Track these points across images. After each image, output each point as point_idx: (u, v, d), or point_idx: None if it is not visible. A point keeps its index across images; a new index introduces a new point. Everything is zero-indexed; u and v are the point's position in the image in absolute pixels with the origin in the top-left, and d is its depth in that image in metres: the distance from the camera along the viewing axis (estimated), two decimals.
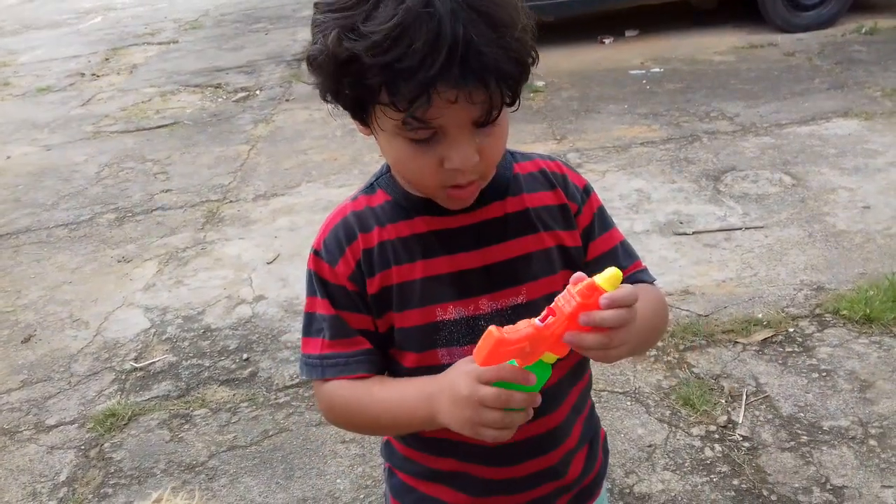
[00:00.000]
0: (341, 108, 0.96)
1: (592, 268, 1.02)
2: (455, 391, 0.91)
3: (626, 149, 4.56)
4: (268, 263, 3.73)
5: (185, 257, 3.88)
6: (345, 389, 1.06)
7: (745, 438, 2.35)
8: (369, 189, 1.10)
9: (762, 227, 3.52)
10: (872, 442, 2.29)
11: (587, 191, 1.14)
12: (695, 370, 2.67)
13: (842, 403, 2.45)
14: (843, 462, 2.23)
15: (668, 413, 2.49)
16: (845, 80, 5.32)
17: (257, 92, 6.68)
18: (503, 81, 0.86)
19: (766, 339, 2.79)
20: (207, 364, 3.02)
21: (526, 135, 4.84)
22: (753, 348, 2.75)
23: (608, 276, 0.86)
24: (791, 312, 2.92)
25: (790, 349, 2.72)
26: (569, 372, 1.16)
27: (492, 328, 0.85)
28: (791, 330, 2.82)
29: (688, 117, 4.96)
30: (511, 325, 0.87)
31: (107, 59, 8.50)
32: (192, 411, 2.76)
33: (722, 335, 2.83)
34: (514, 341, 0.85)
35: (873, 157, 4.10)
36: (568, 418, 1.16)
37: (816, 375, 2.58)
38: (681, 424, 2.44)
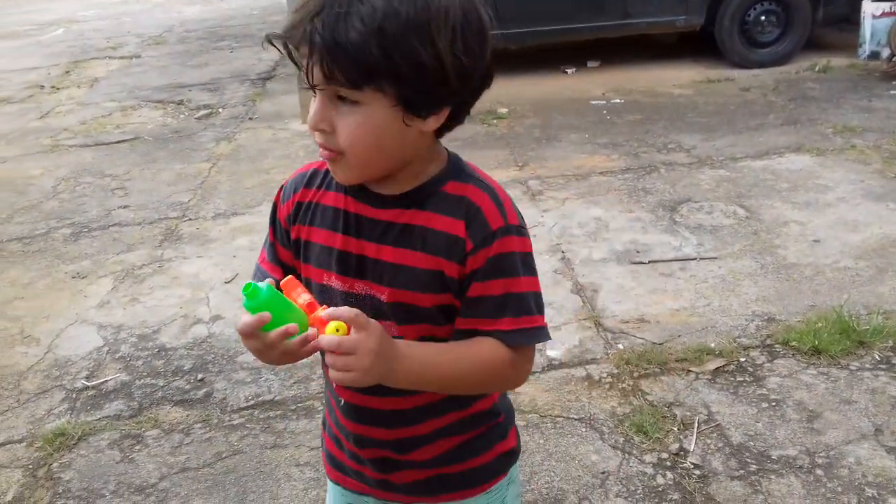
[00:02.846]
0: None
1: (470, 305, 1.13)
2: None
3: (586, 177, 4.63)
4: (226, 283, 3.70)
5: (141, 275, 3.83)
6: None
7: (696, 466, 2.39)
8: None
9: (716, 258, 3.60)
10: (819, 472, 2.34)
11: (496, 234, 1.12)
12: (648, 397, 2.71)
13: (790, 433, 2.50)
14: (791, 491, 2.27)
15: (621, 440, 2.52)
16: (798, 116, 5.48)
17: (220, 110, 6.65)
18: (331, 59, 0.98)
19: (718, 368, 2.84)
20: (161, 384, 2.98)
21: (489, 160, 4.89)
22: (706, 377, 2.80)
23: (332, 323, 1.00)
24: (742, 342, 2.98)
25: (741, 378, 2.78)
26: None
27: (291, 278, 1.06)
28: (742, 359, 2.88)
29: (646, 148, 5.06)
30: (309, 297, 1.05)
31: (67, 72, 8.40)
32: (143, 432, 2.72)
33: (675, 363, 2.87)
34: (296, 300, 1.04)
35: (824, 193, 4.22)
36: (419, 409, 1.22)
37: (766, 405, 2.64)
38: (634, 451, 2.47)
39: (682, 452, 2.45)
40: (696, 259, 3.60)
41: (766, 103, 5.83)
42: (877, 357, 2.84)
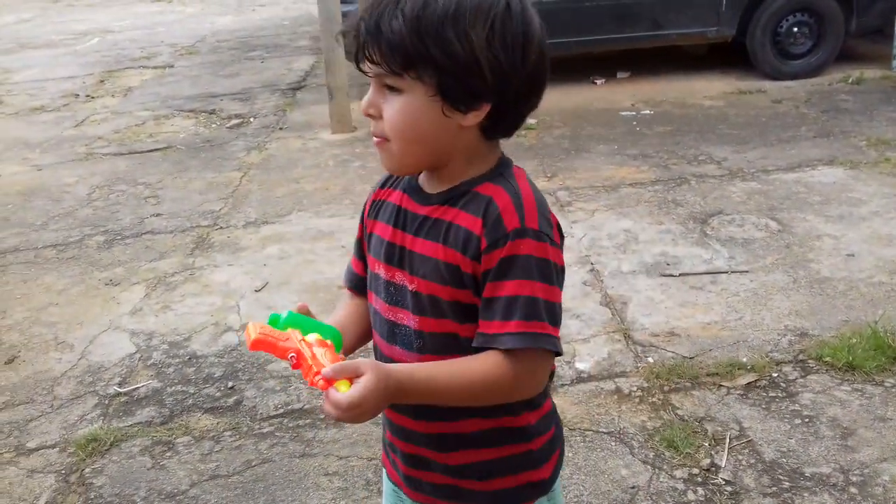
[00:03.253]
0: None
1: (484, 306, 1.15)
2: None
3: (616, 189, 4.62)
4: (256, 291, 3.73)
5: (173, 282, 3.88)
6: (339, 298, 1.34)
7: (727, 482, 2.37)
8: None
9: (748, 272, 3.56)
10: (853, 490, 2.30)
11: (510, 235, 1.12)
12: (679, 412, 2.69)
13: (823, 450, 2.47)
14: None
15: (651, 455, 2.50)
16: (831, 128, 5.42)
17: (251, 119, 6.72)
18: (376, 46, 1.09)
19: (749, 383, 2.81)
20: (192, 391, 3.00)
21: None
22: (737, 392, 2.77)
23: (340, 380, 1.05)
24: (775, 357, 2.94)
25: (773, 394, 2.75)
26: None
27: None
28: (775, 375, 2.84)
29: (676, 160, 5.03)
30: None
31: (102, 81, 8.54)
32: (174, 439, 2.75)
33: (706, 378, 2.85)
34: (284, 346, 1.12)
35: (857, 206, 4.16)
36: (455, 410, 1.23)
37: (799, 421, 2.60)
38: (664, 466, 2.45)
39: (713, 468, 2.43)
40: (727, 272, 3.57)
41: (798, 115, 5.77)
42: None
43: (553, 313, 1.14)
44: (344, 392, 1.04)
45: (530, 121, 5.87)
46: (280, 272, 3.90)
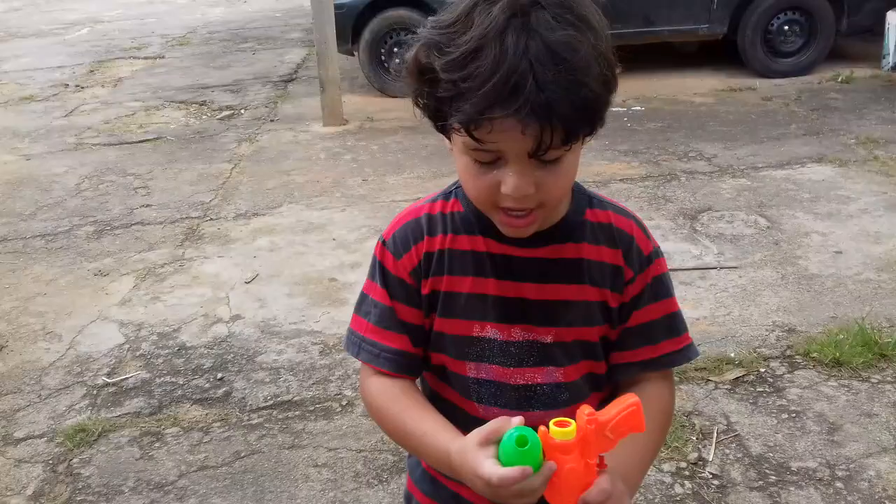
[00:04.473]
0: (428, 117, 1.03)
1: (629, 336, 1.10)
2: (473, 482, 0.95)
3: (606, 184, 4.63)
4: (246, 283, 3.73)
5: (162, 273, 3.86)
6: (380, 392, 1.13)
7: (714, 476, 2.38)
8: (447, 195, 1.15)
9: (736, 268, 3.58)
10: (839, 484, 2.32)
11: (650, 258, 1.12)
12: None
13: (810, 445, 2.49)
14: (811, 503, 2.26)
15: None
16: (821, 126, 5.45)
17: (242, 111, 6.69)
18: (558, 121, 0.90)
19: (737, 378, 2.83)
20: (181, 382, 3.00)
21: None
22: (725, 387, 2.79)
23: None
24: (763, 353, 2.96)
25: (761, 389, 2.77)
26: None
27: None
28: (762, 370, 2.86)
29: (667, 156, 5.04)
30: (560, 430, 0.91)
31: (92, 71, 8.48)
32: (163, 429, 2.74)
33: (694, 372, 2.86)
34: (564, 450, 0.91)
35: (846, 204, 4.19)
36: None
37: (786, 416, 2.62)
38: None
39: (700, 462, 2.44)
40: (716, 268, 3.59)
41: (787, 113, 5.80)
42: None
43: (684, 321, 1.16)
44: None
45: None
46: (270, 264, 3.89)
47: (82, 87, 7.80)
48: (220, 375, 3.02)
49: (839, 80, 6.48)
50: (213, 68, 8.31)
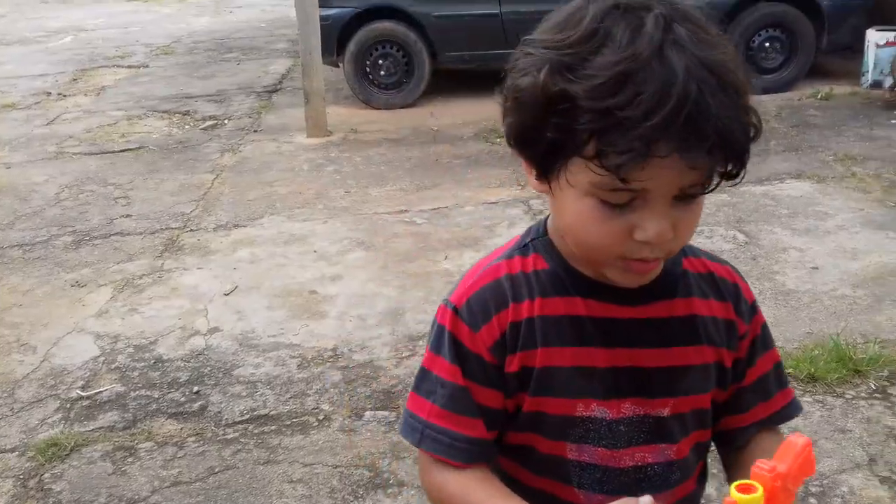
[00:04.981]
0: (525, 156, 0.89)
1: (744, 395, 1.00)
2: None
3: None
4: (225, 295, 3.71)
5: (140, 285, 3.84)
6: (451, 485, 0.96)
7: None
8: (524, 250, 0.99)
9: None
10: (812, 500, 2.33)
11: (754, 307, 1.02)
12: None
13: None
14: None
15: None
16: (800, 143, 5.50)
17: (226, 121, 6.68)
18: (729, 150, 0.80)
19: None
20: (156, 396, 2.97)
21: (490, 179, 4.89)
22: None
23: None
24: None
25: None
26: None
27: None
28: None
29: None
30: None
31: (74, 80, 8.45)
32: (137, 444, 2.72)
33: None
34: None
35: (823, 220, 4.22)
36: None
37: None
38: None
39: None
40: None
41: (767, 129, 5.75)
42: (872, 386, 2.84)
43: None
44: None
45: (503, 128, 5.90)
46: (250, 276, 3.88)
47: (65, 96, 7.77)
48: (196, 389, 3.00)
49: (819, 96, 6.54)
50: (197, 78, 8.29)
